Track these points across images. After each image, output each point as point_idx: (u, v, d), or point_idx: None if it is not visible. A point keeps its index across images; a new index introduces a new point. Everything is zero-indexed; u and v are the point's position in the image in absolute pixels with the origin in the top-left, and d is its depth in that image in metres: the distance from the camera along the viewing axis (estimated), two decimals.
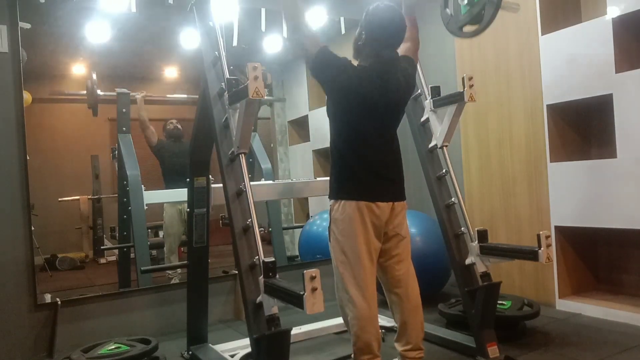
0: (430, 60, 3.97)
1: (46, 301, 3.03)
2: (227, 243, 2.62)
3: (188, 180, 2.63)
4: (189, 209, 2.68)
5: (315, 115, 5.47)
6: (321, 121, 5.25)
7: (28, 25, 2.98)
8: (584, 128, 3.37)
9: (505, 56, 3.47)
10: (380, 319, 2.60)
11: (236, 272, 3.09)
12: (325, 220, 2.86)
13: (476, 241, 2.50)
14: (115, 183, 5.36)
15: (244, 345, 2.72)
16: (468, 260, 2.53)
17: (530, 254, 2.30)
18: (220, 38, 2.29)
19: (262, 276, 1.84)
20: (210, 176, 2.63)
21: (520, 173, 3.42)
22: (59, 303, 2.98)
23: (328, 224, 2.16)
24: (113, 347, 2.56)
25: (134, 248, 3.99)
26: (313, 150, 5.51)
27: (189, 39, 4.38)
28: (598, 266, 3.42)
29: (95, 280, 5.07)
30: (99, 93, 4.39)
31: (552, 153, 3.24)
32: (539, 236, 2.25)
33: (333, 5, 3.94)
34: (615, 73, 2.86)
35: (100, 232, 6.16)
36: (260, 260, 1.88)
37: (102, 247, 5.88)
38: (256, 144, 4.70)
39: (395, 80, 2.13)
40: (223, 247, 4.73)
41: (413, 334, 2.17)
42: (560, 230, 3.23)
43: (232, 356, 2.64)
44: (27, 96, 4.03)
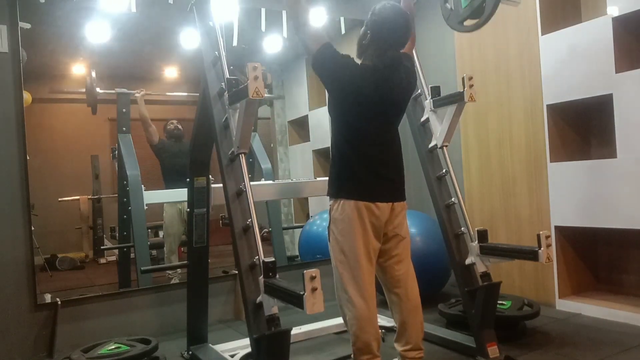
0: (430, 60, 3.97)
1: (46, 301, 3.03)
2: (227, 243, 2.61)
3: (188, 180, 2.63)
4: (189, 209, 2.68)
5: (315, 115, 5.46)
6: (321, 121, 5.26)
7: (28, 25, 2.98)
8: (584, 128, 3.37)
9: (505, 56, 3.46)
10: (380, 319, 2.61)
11: (236, 272, 3.09)
12: (325, 220, 2.85)
13: (476, 241, 2.50)
14: (115, 183, 5.35)
15: (244, 345, 2.72)
16: (468, 260, 2.53)
17: (530, 254, 2.30)
18: (220, 38, 2.29)
19: (262, 276, 1.84)
20: (210, 176, 2.63)
21: (520, 173, 3.42)
22: (59, 303, 2.98)
23: (328, 224, 2.16)
24: (113, 347, 2.56)
25: (134, 248, 3.99)
26: (313, 150, 5.50)
27: (189, 39, 4.37)
28: (598, 266, 3.42)
29: (95, 280, 5.06)
30: (98, 91, 4.39)
31: (552, 153, 3.23)
32: (539, 236, 2.24)
33: (333, 5, 3.94)
34: (615, 73, 2.86)
35: (100, 232, 6.15)
36: (260, 260, 1.88)
37: (102, 247, 5.87)
38: (256, 144, 4.69)
39: (398, 80, 2.13)
40: (223, 247, 4.73)
41: (413, 334, 2.17)
42: (560, 230, 3.23)
43: (232, 356, 2.64)
44: (27, 96, 4.02)
